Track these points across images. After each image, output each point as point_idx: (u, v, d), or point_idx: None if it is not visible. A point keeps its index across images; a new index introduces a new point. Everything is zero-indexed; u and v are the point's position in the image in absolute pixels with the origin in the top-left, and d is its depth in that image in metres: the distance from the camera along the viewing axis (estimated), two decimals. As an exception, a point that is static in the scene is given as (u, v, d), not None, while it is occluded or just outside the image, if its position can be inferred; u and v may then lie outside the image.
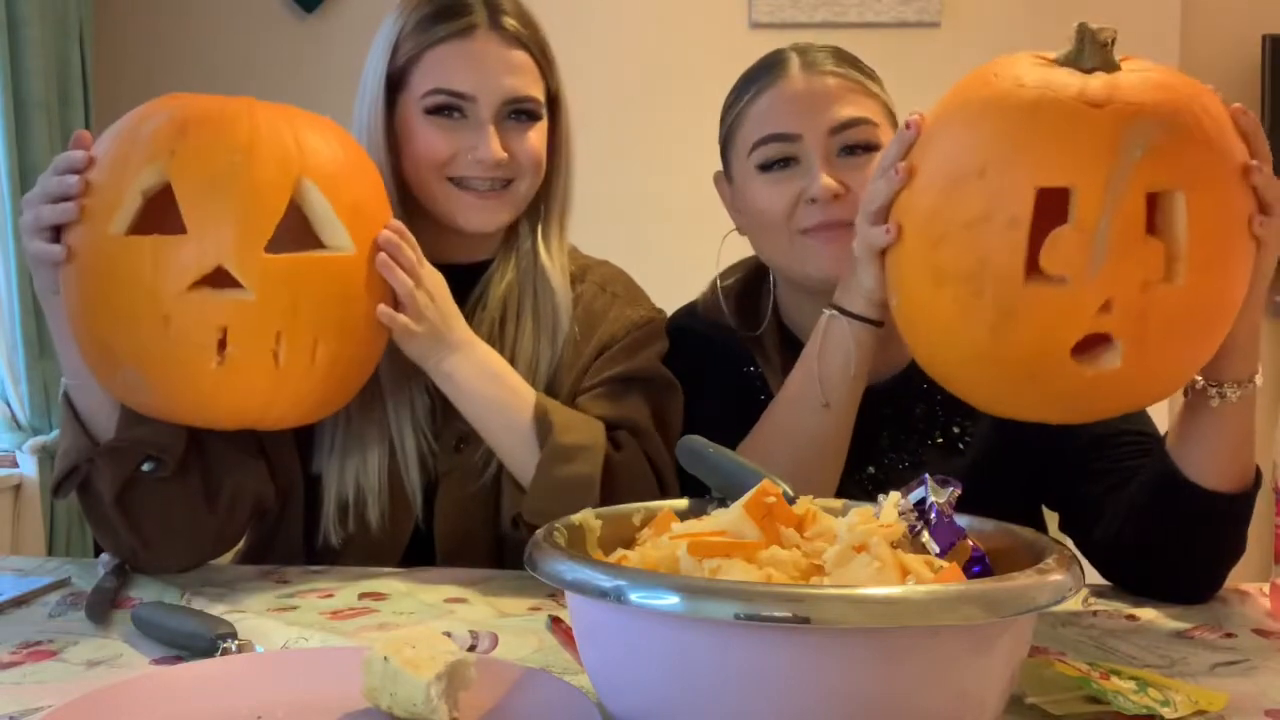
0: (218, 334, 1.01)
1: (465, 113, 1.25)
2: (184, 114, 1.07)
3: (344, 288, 1.08)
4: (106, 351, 1.05)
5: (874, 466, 1.28)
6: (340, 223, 1.07)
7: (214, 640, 0.91)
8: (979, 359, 0.94)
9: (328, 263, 1.07)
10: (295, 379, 1.06)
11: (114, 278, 1.03)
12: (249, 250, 1.02)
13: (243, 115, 1.07)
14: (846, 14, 2.91)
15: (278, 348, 1.03)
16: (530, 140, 1.27)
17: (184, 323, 1.01)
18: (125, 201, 1.03)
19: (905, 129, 1.00)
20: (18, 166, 2.54)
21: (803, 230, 1.23)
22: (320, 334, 1.06)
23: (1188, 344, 0.93)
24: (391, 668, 0.74)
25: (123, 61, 2.97)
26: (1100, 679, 0.80)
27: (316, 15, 2.97)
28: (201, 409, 1.07)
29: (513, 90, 1.25)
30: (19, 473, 2.63)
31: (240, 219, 1.02)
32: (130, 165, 1.04)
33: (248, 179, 1.03)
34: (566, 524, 0.82)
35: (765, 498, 0.78)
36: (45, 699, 0.82)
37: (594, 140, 2.87)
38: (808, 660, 0.65)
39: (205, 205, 1.02)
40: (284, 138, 1.07)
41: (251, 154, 1.04)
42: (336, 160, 1.10)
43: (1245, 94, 2.86)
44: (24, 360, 2.55)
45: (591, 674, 0.76)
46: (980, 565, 0.79)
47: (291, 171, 1.05)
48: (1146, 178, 0.87)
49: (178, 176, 1.02)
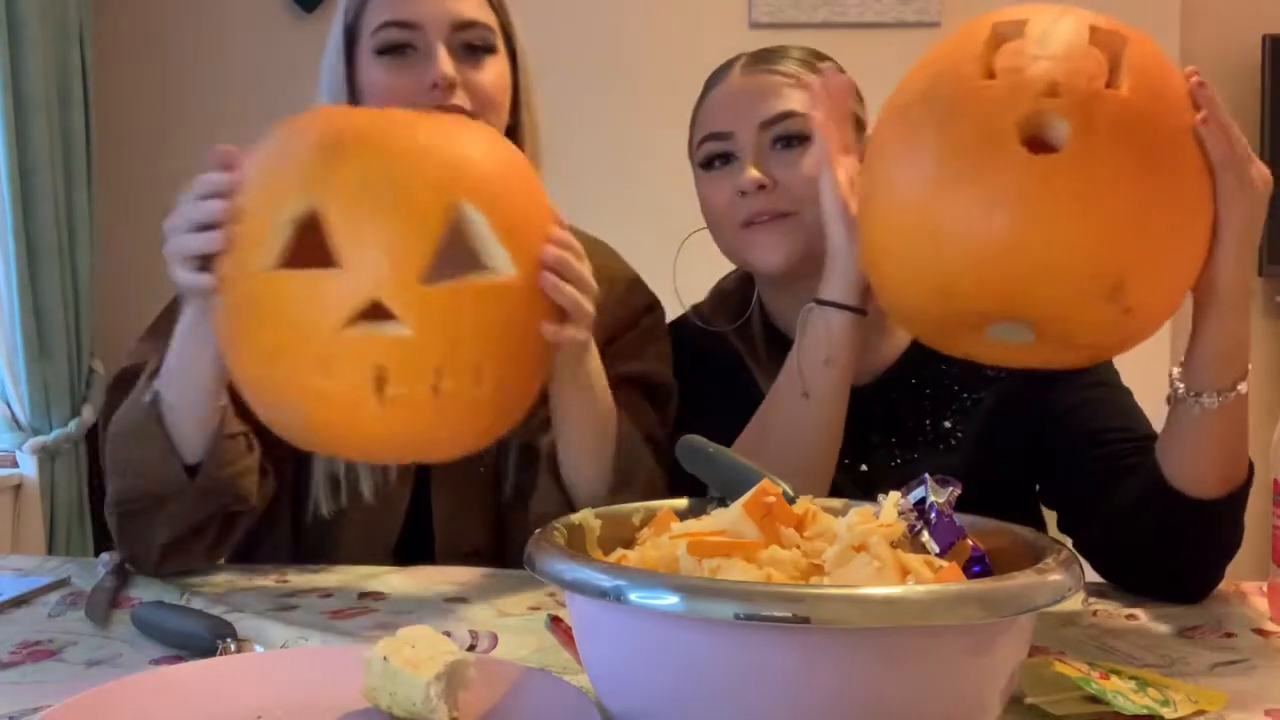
0: (375, 373, 0.94)
1: (415, 45, 1.23)
2: (334, 133, 0.98)
3: (506, 312, 0.99)
4: (261, 388, 1.01)
5: (866, 464, 1.28)
6: (501, 246, 0.98)
7: (214, 640, 0.91)
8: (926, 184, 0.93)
9: (488, 289, 0.98)
10: (459, 411, 0.98)
11: (266, 316, 0.96)
12: (405, 284, 0.93)
13: (395, 134, 0.99)
14: (846, 14, 2.91)
15: (439, 382, 0.95)
16: (486, 73, 1.24)
17: (341, 363, 0.94)
18: (273, 231, 0.95)
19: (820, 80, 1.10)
20: (18, 166, 2.54)
21: (742, 224, 1.26)
22: (482, 363, 0.98)
23: (1133, 155, 0.90)
24: (391, 667, 0.74)
25: (123, 61, 2.97)
26: (1100, 679, 0.80)
27: (316, 15, 2.97)
28: (364, 446, 1.02)
29: (458, 13, 1.23)
30: (19, 473, 2.63)
31: (394, 250, 0.94)
32: (277, 192, 0.96)
33: (405, 206, 0.95)
34: (566, 524, 0.82)
35: (765, 497, 0.78)
36: (45, 699, 0.82)
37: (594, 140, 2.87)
38: (808, 660, 0.65)
39: (357, 236, 0.94)
40: (440, 156, 0.98)
41: (406, 178, 0.96)
42: (497, 175, 1.01)
43: (1245, 94, 2.86)
44: (24, 360, 2.56)
45: (591, 674, 0.76)
46: (980, 565, 0.79)
47: (450, 195, 0.96)
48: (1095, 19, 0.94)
49: (327, 205, 0.94)
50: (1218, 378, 0.99)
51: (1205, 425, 1.01)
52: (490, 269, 0.98)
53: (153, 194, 3.02)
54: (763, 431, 1.18)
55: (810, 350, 1.15)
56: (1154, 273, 0.92)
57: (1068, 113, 0.89)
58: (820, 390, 1.15)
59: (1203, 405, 0.99)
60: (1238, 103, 2.85)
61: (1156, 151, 0.91)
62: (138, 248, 2.96)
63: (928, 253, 0.94)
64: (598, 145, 2.80)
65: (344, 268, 0.93)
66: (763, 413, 1.20)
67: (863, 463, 1.28)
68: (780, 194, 1.24)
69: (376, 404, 0.94)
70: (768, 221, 1.24)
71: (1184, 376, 1.01)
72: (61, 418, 2.64)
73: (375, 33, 1.23)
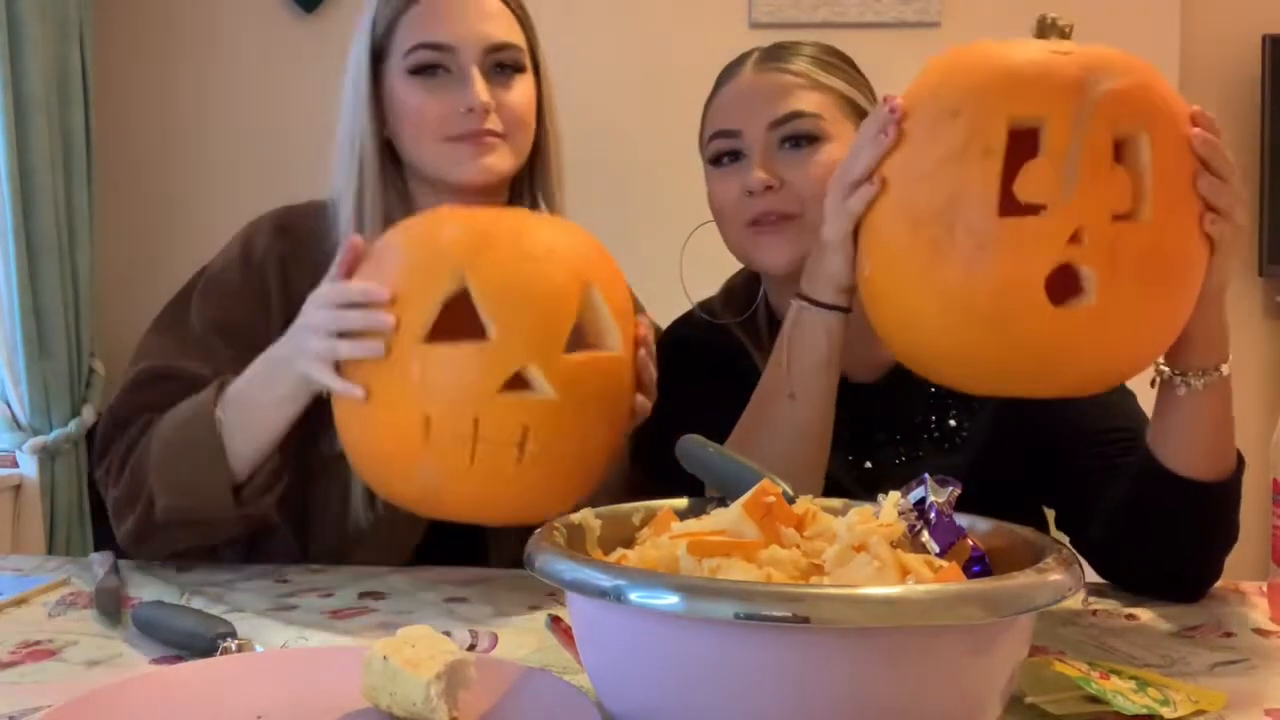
0: (520, 433, 1.04)
1: (448, 67, 1.26)
2: (478, 226, 1.10)
3: (616, 385, 1.12)
4: (407, 456, 1.06)
5: (870, 462, 1.28)
6: (616, 325, 1.11)
7: (214, 640, 0.91)
8: (949, 307, 0.93)
9: (609, 362, 1.11)
10: (579, 474, 1.11)
11: (425, 386, 1.04)
12: (551, 353, 1.05)
13: (533, 226, 1.12)
14: (846, 14, 2.90)
15: (571, 445, 1.07)
16: (516, 92, 1.28)
17: (491, 424, 1.04)
18: (427, 309, 1.05)
19: (888, 111, 1.00)
20: (18, 166, 2.54)
21: (747, 223, 1.26)
22: (598, 431, 1.10)
23: (1158, 287, 0.92)
24: (391, 667, 0.74)
25: (123, 61, 2.97)
26: (1100, 679, 0.80)
27: (316, 15, 2.97)
28: (496, 506, 1.10)
29: (491, 36, 1.26)
30: (19, 473, 2.63)
31: (542, 323, 1.06)
32: (432, 277, 1.06)
33: (547, 285, 1.07)
34: (566, 523, 0.82)
35: (765, 497, 0.78)
36: (45, 699, 0.82)
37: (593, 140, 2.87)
38: (808, 660, 0.65)
39: (508, 311, 1.04)
40: (568, 245, 1.11)
41: (548, 261, 1.08)
42: (605, 264, 1.15)
43: (1245, 94, 2.86)
44: (24, 360, 2.55)
45: (591, 674, 0.76)
46: (980, 565, 0.79)
47: (581, 277, 1.09)
48: (1111, 112, 0.91)
49: (480, 284, 1.05)
50: (1203, 359, 1.02)
51: (1191, 405, 1.03)
52: (607, 347, 1.11)
53: (153, 194, 3.03)
54: (753, 429, 1.18)
55: (797, 349, 1.14)
56: (1156, 353, 1.01)
57: (1092, 260, 0.89)
58: (808, 391, 1.14)
59: (1189, 384, 1.02)
60: (1238, 103, 2.85)
61: (1176, 266, 0.93)
62: (138, 248, 2.96)
63: (945, 366, 1.00)
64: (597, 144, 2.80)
65: (494, 339, 1.04)
66: (752, 411, 1.19)
67: (867, 460, 1.28)
68: (787, 194, 1.23)
69: (515, 463, 1.05)
70: (774, 223, 1.24)
71: (1170, 359, 1.03)
72: (61, 418, 2.64)
73: (409, 54, 1.26)
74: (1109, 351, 0.94)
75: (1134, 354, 0.97)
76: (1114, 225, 0.90)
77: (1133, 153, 0.91)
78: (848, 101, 1.27)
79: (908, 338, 1.01)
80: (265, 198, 1.45)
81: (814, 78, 1.27)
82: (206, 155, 2.95)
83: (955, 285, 0.92)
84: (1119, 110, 0.91)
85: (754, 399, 1.19)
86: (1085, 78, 0.91)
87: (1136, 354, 0.97)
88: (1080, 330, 0.91)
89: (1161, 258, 0.91)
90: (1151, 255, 0.91)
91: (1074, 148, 0.90)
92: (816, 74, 1.27)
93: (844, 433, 1.20)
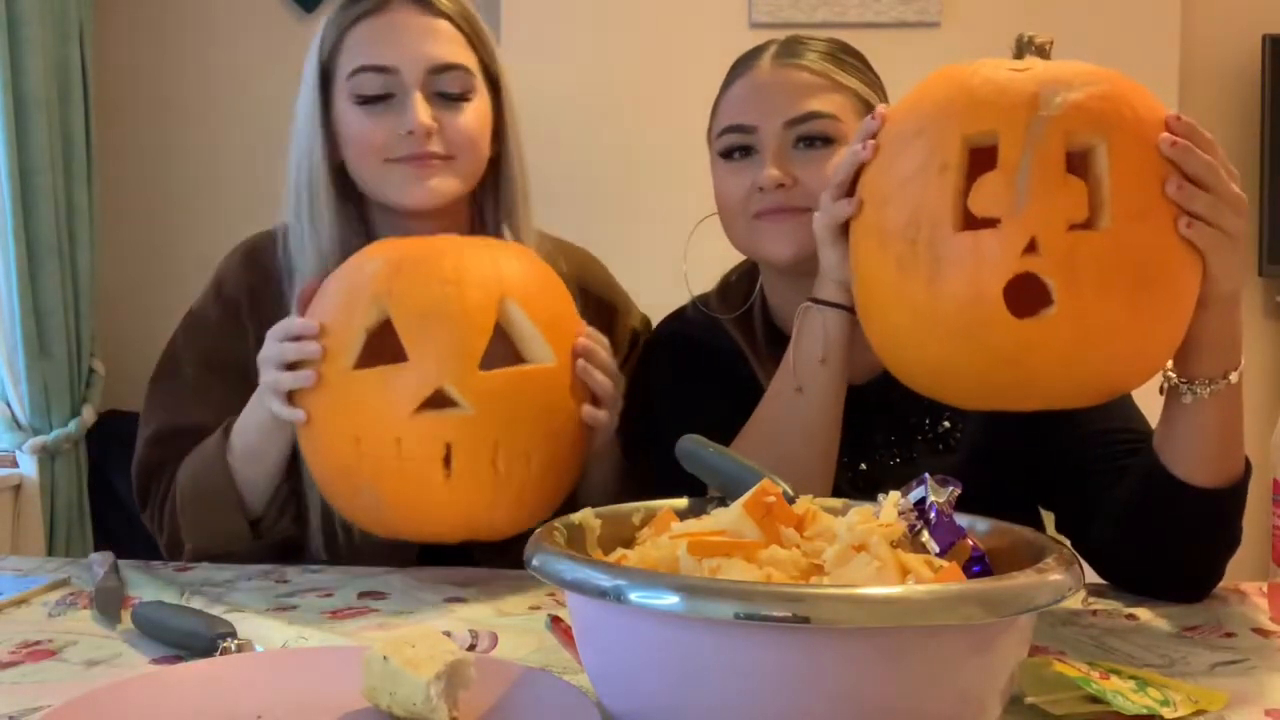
0: (443, 450, 1.09)
1: (392, 91, 1.25)
2: (397, 256, 1.16)
3: (549, 397, 1.15)
4: (348, 477, 1.14)
5: (866, 463, 1.28)
6: (541, 337, 1.14)
7: (214, 640, 0.91)
8: (918, 320, 0.95)
9: (533, 374, 1.14)
10: (515, 487, 1.12)
11: (351, 409, 1.12)
12: (465, 370, 1.10)
13: (449, 251, 1.16)
14: (846, 14, 2.90)
15: (497, 458, 1.10)
16: (463, 114, 1.27)
17: (414, 442, 1.09)
18: (353, 339, 1.12)
19: (870, 119, 1.04)
20: (18, 166, 2.53)
21: (755, 214, 1.25)
22: (533, 442, 1.12)
23: (1125, 294, 0.91)
24: (391, 667, 0.74)
25: (123, 61, 2.97)
26: (1100, 679, 0.80)
27: (317, 15, 2.97)
28: (433, 523, 1.14)
29: (435, 57, 1.25)
30: (19, 473, 2.62)
31: (454, 342, 1.10)
32: (356, 308, 1.13)
33: (458, 305, 1.11)
34: (566, 523, 0.82)
35: (765, 497, 0.78)
36: (45, 699, 0.82)
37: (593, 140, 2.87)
38: (808, 660, 0.65)
39: (423, 334, 1.10)
40: (485, 265, 1.15)
41: (460, 283, 1.12)
42: (532, 280, 1.18)
43: (1245, 94, 2.85)
44: (24, 360, 2.55)
45: (591, 674, 0.76)
46: (980, 565, 0.79)
47: (495, 294, 1.13)
48: (1065, 124, 0.92)
49: (397, 312, 1.11)
50: (1210, 367, 1.01)
51: (1198, 413, 1.02)
52: (534, 359, 1.14)
53: (153, 194, 3.03)
54: (759, 429, 1.18)
55: (805, 348, 1.15)
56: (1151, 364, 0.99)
57: (1050, 271, 0.90)
58: (815, 388, 1.15)
59: (1195, 393, 1.01)
60: (1238, 103, 2.85)
61: (1146, 274, 0.92)
62: (138, 248, 2.96)
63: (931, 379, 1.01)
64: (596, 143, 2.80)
65: (413, 361, 1.09)
66: (760, 412, 1.20)
67: (862, 462, 1.28)
68: (797, 192, 1.23)
69: (444, 480, 1.09)
70: (781, 214, 1.24)
71: (1176, 366, 1.02)
72: (61, 418, 2.63)
73: (351, 76, 1.26)
74: (1085, 361, 0.93)
75: (1122, 364, 0.95)
76: (1070, 234, 0.90)
77: (1091, 162, 0.92)
78: (863, 102, 1.27)
79: (894, 353, 1.03)
80: (265, 198, 1.45)
81: (833, 77, 1.26)
82: (206, 155, 2.95)
83: (922, 300, 0.94)
84: (1074, 122, 0.92)
85: (762, 404, 1.20)
86: (1039, 92, 0.93)
87: (1125, 365, 0.95)
88: (1047, 339, 0.91)
89: (1127, 265, 0.91)
90: (1114, 262, 0.90)
91: (1025, 160, 0.91)
92: (835, 73, 1.27)
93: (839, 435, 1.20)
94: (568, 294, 1.22)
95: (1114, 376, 0.97)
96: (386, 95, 1.25)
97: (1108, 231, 0.90)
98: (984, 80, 0.96)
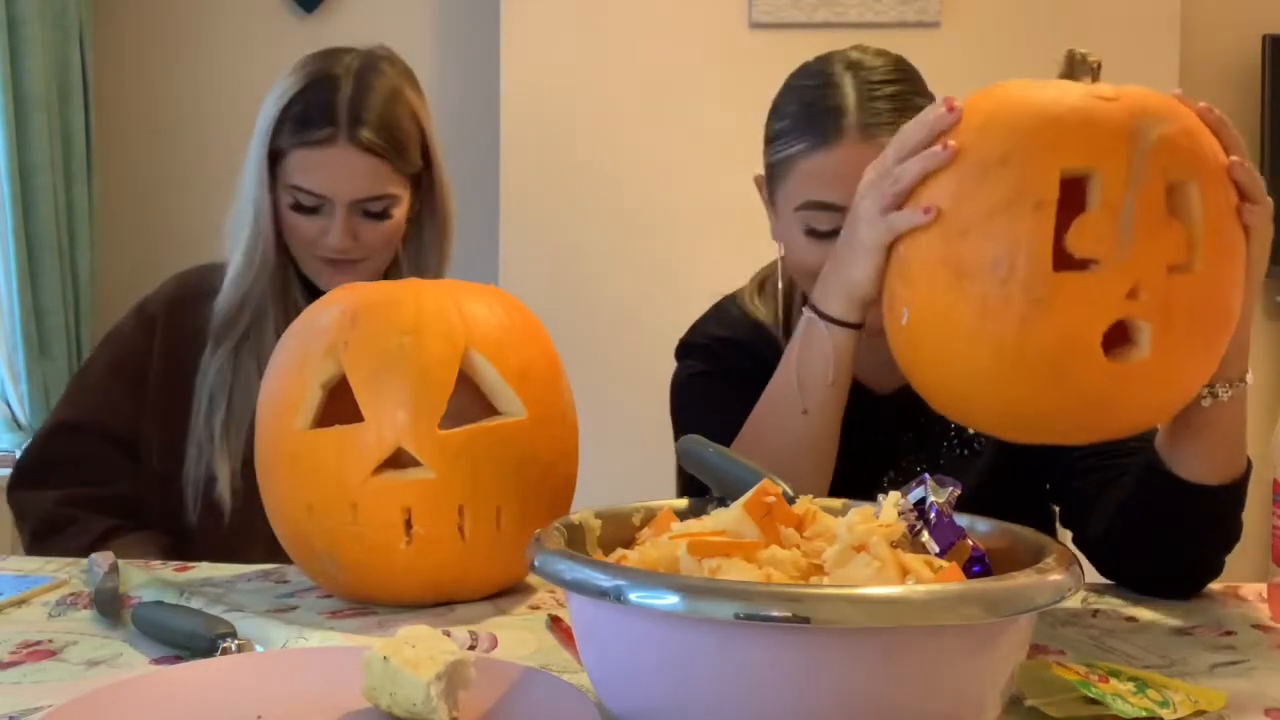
0: (403, 515, 1.02)
1: (322, 207, 1.46)
2: (353, 305, 1.08)
3: (519, 450, 1.06)
4: (305, 542, 1.07)
5: (893, 471, 1.28)
6: (510, 388, 1.07)
7: (214, 640, 0.91)
8: (1001, 361, 0.91)
9: (501, 430, 1.06)
10: (484, 548, 1.05)
11: (306, 473, 1.05)
12: (424, 429, 1.02)
13: (408, 298, 1.08)
14: (846, 14, 2.90)
15: (462, 521, 1.03)
16: (380, 228, 1.49)
17: (370, 508, 1.03)
18: (307, 397, 1.05)
19: (944, 112, 0.96)
20: (18, 166, 2.54)
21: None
22: (502, 501, 1.05)
23: (1206, 336, 0.92)
24: (391, 667, 0.74)
25: (123, 61, 2.97)
26: (1099, 681, 0.80)
27: (316, 15, 2.97)
28: (396, 588, 1.07)
29: (361, 192, 1.46)
30: (19, 473, 2.62)
31: (412, 399, 1.03)
32: (309, 363, 1.06)
33: (416, 359, 1.04)
34: (566, 523, 0.82)
35: (765, 497, 0.78)
36: (45, 699, 0.82)
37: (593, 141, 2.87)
38: (808, 660, 0.65)
39: (378, 390, 1.03)
40: (448, 313, 1.07)
41: (418, 334, 1.05)
42: (501, 327, 1.10)
43: (1245, 94, 2.86)
44: (24, 360, 2.55)
45: (591, 674, 0.76)
46: (980, 565, 0.79)
47: (458, 345, 1.06)
48: (1163, 162, 0.89)
49: (351, 366, 1.04)
50: (1232, 368, 1.00)
51: (1216, 416, 1.02)
52: (505, 411, 1.07)
53: (153, 194, 3.03)
54: (759, 437, 1.16)
55: (813, 371, 1.12)
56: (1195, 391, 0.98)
57: (1148, 315, 0.88)
58: (820, 406, 1.12)
59: (1216, 396, 1.00)
60: (1238, 103, 2.85)
61: (1224, 315, 0.92)
62: (138, 248, 2.96)
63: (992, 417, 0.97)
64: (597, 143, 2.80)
65: (369, 421, 1.03)
66: (758, 418, 1.17)
67: (890, 469, 1.28)
68: None
69: (405, 546, 1.02)
70: None
71: None
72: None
73: (290, 188, 1.46)
74: (1158, 400, 0.93)
75: (1179, 399, 0.96)
76: (1169, 278, 0.88)
77: (1183, 201, 0.89)
78: None
79: (951, 389, 0.98)
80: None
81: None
82: (206, 155, 2.95)
83: (1009, 340, 0.89)
84: (1169, 159, 0.89)
85: (762, 405, 1.17)
86: (1135, 125, 0.89)
87: (1181, 399, 0.96)
88: (1133, 382, 0.89)
89: (1213, 306, 0.90)
90: (1203, 305, 0.90)
91: (1128, 200, 0.87)
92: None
93: (866, 443, 1.19)
94: (544, 337, 1.15)
95: (1171, 410, 0.97)
96: (318, 207, 1.47)
97: (1199, 275, 0.89)
98: (1070, 109, 0.90)
